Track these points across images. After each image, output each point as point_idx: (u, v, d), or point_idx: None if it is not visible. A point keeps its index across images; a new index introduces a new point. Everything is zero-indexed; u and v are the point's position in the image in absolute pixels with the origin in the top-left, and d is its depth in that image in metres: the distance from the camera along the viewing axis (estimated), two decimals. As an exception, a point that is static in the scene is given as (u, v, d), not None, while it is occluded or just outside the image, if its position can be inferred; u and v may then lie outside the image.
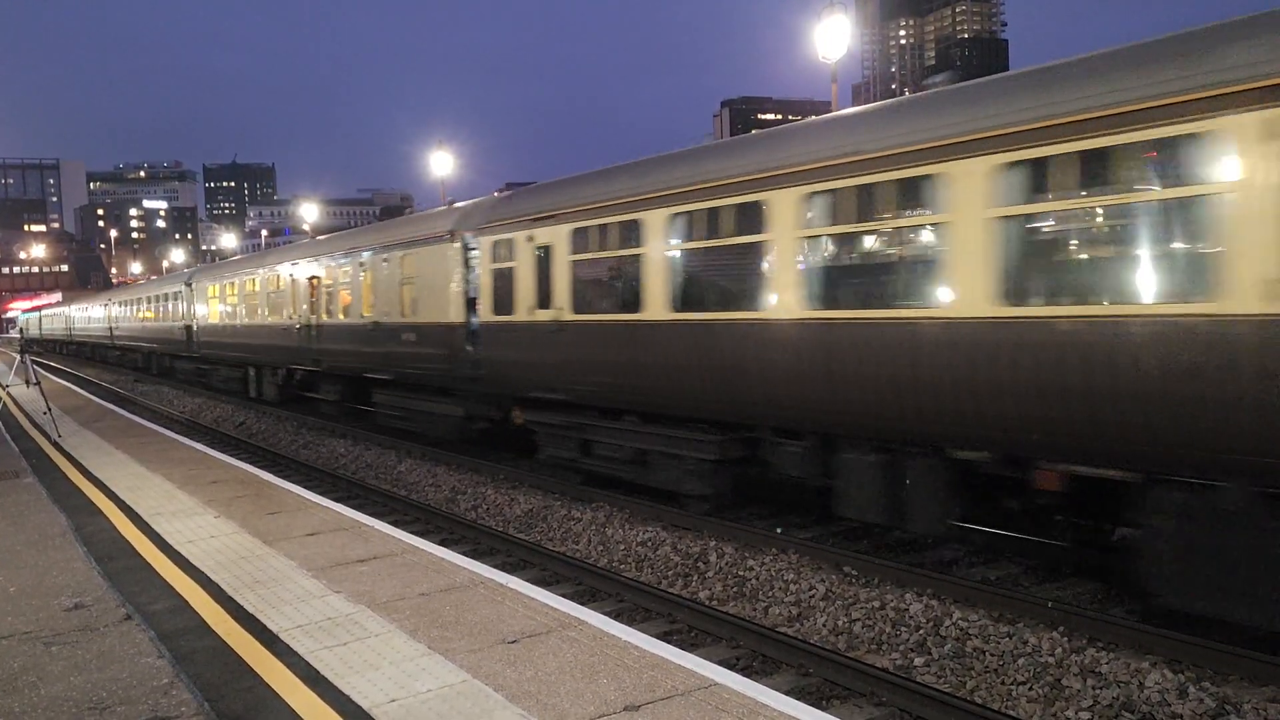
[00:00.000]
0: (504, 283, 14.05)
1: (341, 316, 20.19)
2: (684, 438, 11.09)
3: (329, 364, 20.92)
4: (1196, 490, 6.84)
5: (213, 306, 30.35)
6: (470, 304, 15.16)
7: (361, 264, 19.10)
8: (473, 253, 15.17)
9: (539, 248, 13.24)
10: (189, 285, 33.08)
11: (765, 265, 9.77)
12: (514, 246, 13.81)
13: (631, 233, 11.58)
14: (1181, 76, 6.62)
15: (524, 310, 13.52)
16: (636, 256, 11.45)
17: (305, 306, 22.04)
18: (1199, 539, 6.80)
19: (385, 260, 17.96)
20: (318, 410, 23.11)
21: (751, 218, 9.96)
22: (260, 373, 26.50)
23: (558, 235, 12.86)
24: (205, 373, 32.24)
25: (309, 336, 21.69)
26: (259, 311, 25.59)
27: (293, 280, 22.92)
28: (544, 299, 13.13)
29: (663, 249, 11.06)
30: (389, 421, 18.88)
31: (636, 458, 12.01)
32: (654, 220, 11.16)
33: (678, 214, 10.89)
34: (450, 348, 15.49)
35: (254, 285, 26.03)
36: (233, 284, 28.18)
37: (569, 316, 12.63)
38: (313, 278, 21.67)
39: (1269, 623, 6.50)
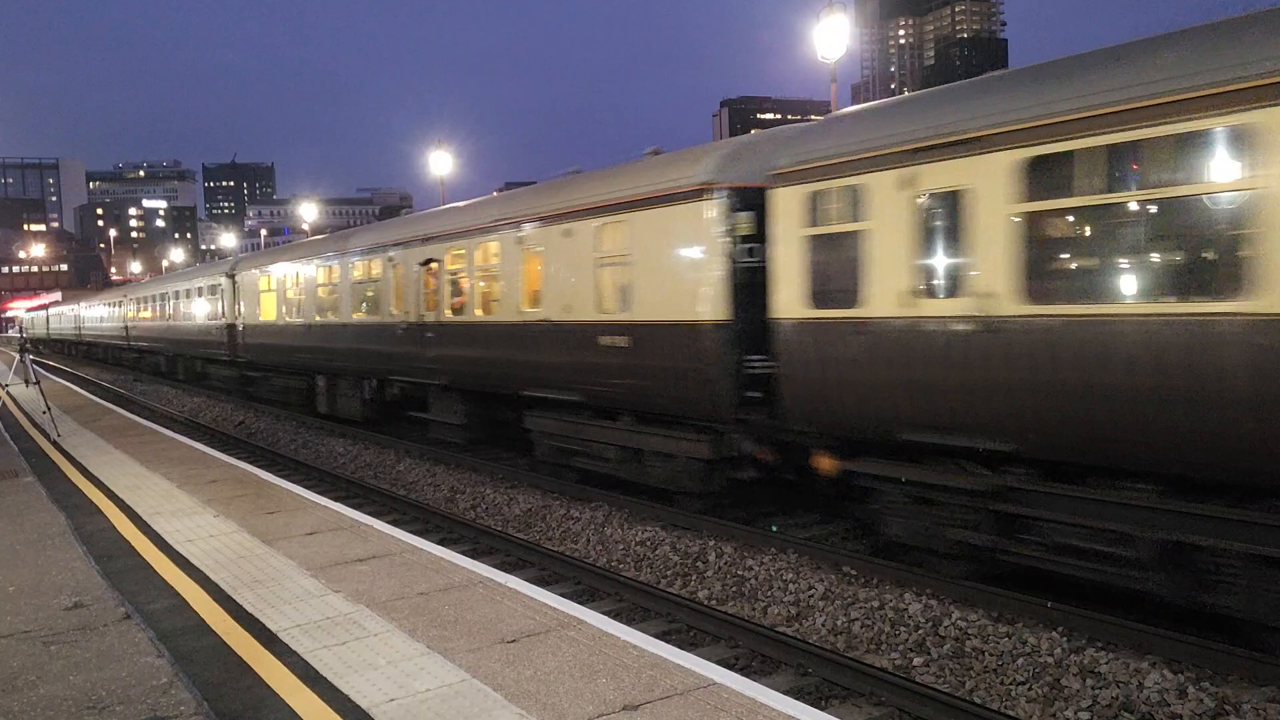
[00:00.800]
0: (835, 256, 9.45)
1: (479, 313, 15.46)
2: None
3: (455, 375, 16.08)
4: None
5: (265, 302, 25.07)
6: (737, 293, 10.64)
7: (519, 240, 14.14)
8: (739, 215, 10.65)
9: (930, 196, 8.55)
10: (231, 277, 27.71)
11: None
12: (862, 198, 9.10)
13: (1232, 149, 6.57)
14: None
15: (888, 299, 8.86)
16: (1239, 195, 6.54)
17: (416, 301, 17.25)
18: None
19: (566, 234, 13.06)
20: (426, 436, 17.80)
21: None
22: (334, 384, 21.50)
23: (984, 172, 8.05)
24: (251, 381, 27.48)
25: (420, 339, 16.96)
26: (339, 307, 20.74)
27: (393, 266, 18.17)
28: (942, 279, 8.57)
29: None
30: (562, 458, 13.77)
31: (1157, 556, 7.18)
32: None
33: None
34: (699, 358, 10.81)
35: (331, 275, 21.20)
36: (296, 274, 23.06)
37: (1010, 309, 7.85)
38: (428, 262, 16.85)
39: None
